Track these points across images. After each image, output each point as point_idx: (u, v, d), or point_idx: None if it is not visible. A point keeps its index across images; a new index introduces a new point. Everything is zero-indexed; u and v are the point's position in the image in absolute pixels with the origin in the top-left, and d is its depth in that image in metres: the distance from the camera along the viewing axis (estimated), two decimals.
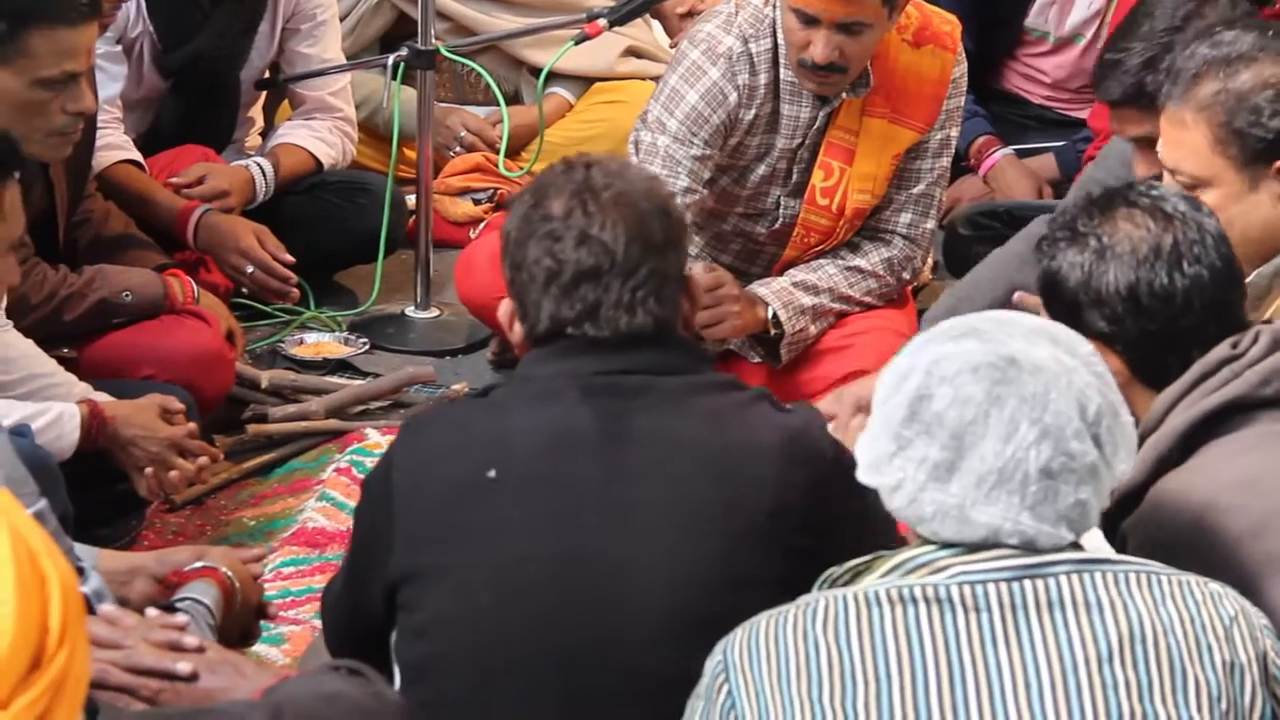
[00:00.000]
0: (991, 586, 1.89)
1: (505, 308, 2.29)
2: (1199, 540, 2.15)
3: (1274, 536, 2.14)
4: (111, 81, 4.12)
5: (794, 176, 3.82)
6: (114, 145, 4.06)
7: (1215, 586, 1.96)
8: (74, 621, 1.44)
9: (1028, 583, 1.90)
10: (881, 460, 1.96)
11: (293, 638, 3.17)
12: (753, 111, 3.72)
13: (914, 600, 1.89)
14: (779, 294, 3.84)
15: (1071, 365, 1.94)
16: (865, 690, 1.86)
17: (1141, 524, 2.22)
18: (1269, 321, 2.43)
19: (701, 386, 2.23)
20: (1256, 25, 2.74)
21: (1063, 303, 2.32)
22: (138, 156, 4.13)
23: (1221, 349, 2.26)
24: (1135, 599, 1.91)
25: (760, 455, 2.16)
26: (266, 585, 3.24)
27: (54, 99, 3.20)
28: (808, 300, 3.82)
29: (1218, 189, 2.62)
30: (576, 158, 2.30)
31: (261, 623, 2.63)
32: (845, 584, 1.99)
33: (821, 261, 3.90)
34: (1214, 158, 2.63)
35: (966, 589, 1.89)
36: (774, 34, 3.69)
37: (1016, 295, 2.73)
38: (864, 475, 1.98)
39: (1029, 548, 1.91)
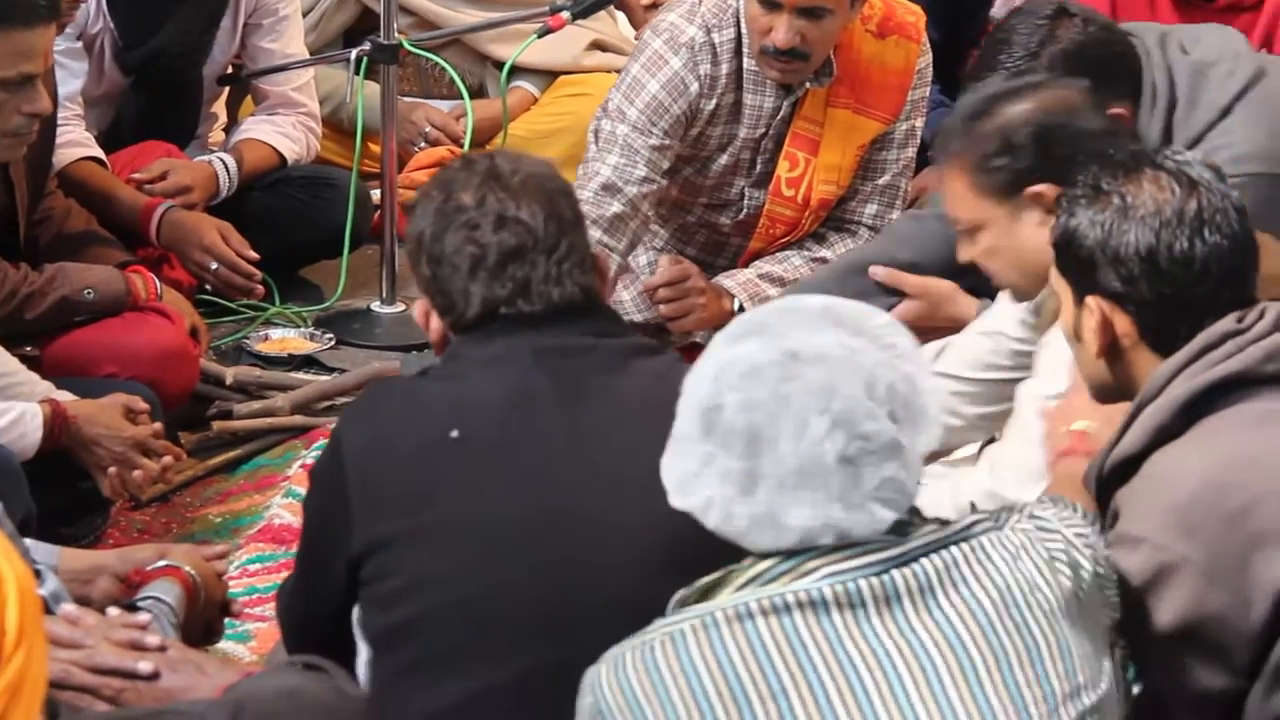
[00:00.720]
0: (863, 582, 1.87)
1: (420, 307, 2.33)
2: (1191, 515, 2.14)
3: (1265, 515, 2.13)
4: (72, 78, 4.10)
5: (758, 167, 3.83)
6: (75, 142, 4.04)
7: (1040, 526, 1.99)
8: (31, 623, 1.43)
9: (895, 572, 1.89)
10: (687, 480, 1.94)
11: (259, 635, 3.16)
12: (714, 101, 3.72)
13: (787, 607, 1.86)
14: (745, 286, 3.84)
15: (856, 346, 1.92)
16: (765, 711, 1.82)
17: (1135, 496, 2.21)
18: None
19: (636, 349, 2.31)
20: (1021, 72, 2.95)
21: (1078, 260, 2.31)
22: (99, 153, 4.10)
23: (1226, 322, 2.25)
24: (995, 563, 1.91)
25: None
26: (233, 582, 3.24)
27: (9, 100, 3.18)
28: (774, 292, 3.83)
29: (989, 229, 2.84)
30: (474, 153, 2.39)
31: (227, 620, 2.62)
32: (697, 601, 1.93)
33: (788, 253, 3.90)
34: (976, 200, 2.83)
35: (839, 587, 1.87)
36: (737, 23, 3.69)
37: (872, 269, 2.75)
38: (674, 499, 1.95)
39: (845, 540, 1.89)
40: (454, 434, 2.19)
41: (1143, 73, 3.15)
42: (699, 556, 2.00)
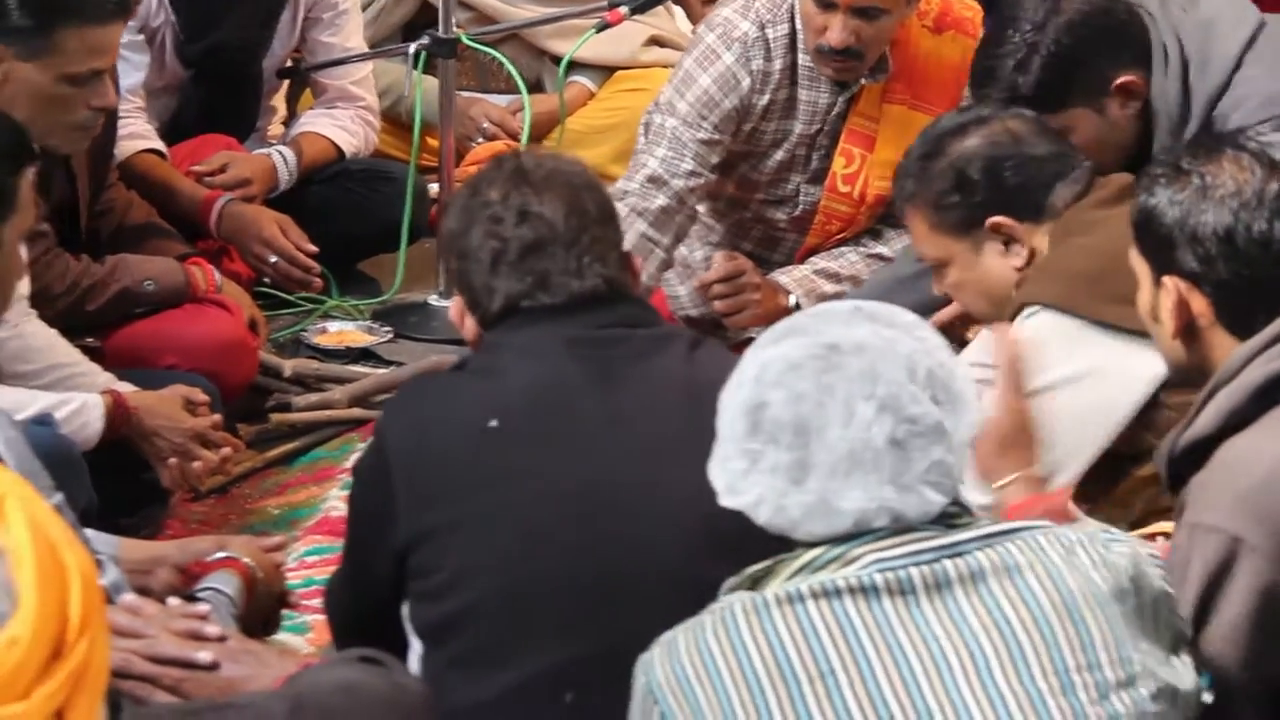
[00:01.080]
0: (914, 570, 1.88)
1: (455, 305, 2.35)
2: (1260, 501, 2.13)
3: None
4: (134, 70, 4.12)
5: (813, 163, 3.82)
6: (136, 134, 4.06)
7: (1107, 535, 1.98)
8: (94, 612, 1.44)
9: (947, 562, 1.89)
10: (737, 479, 1.95)
11: (317, 626, 3.16)
12: (767, 97, 3.71)
13: (838, 592, 1.87)
14: (801, 282, 3.83)
15: (892, 336, 1.94)
16: (813, 690, 1.83)
17: (1206, 484, 2.19)
18: None
19: (671, 336, 2.32)
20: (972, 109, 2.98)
21: (1156, 238, 2.31)
22: (160, 146, 4.13)
23: None
24: (1049, 555, 1.91)
25: None
26: (290, 574, 3.24)
27: (77, 94, 3.21)
28: (830, 288, 3.82)
29: (954, 264, 2.91)
30: (505, 154, 2.38)
31: (285, 611, 2.63)
32: (748, 590, 1.94)
33: (844, 249, 3.89)
34: (938, 239, 2.90)
35: (890, 574, 1.88)
36: (791, 19, 3.68)
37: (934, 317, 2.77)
38: (724, 499, 1.97)
39: (899, 523, 1.90)
40: (492, 423, 2.20)
41: (1150, 38, 3.14)
42: (741, 536, 2.00)
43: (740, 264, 3.75)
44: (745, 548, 1.98)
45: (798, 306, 3.79)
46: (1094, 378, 2.71)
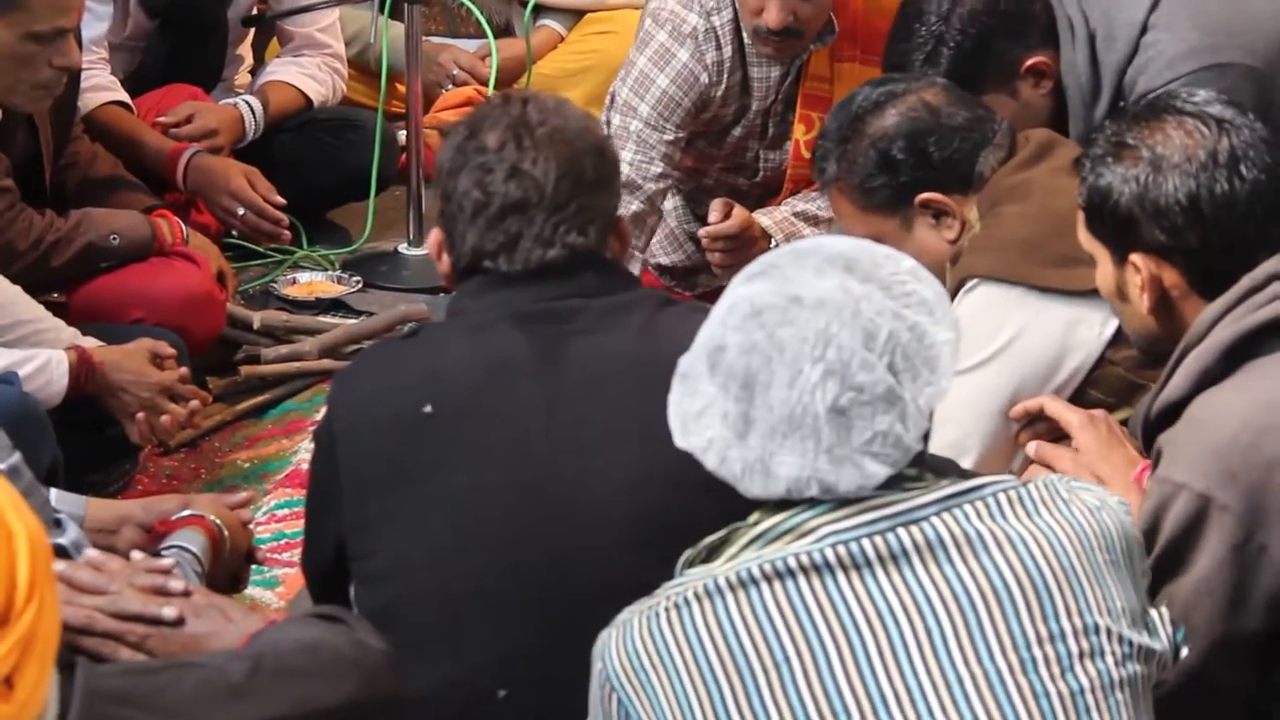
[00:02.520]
0: (866, 541, 1.82)
1: (434, 237, 2.30)
2: (1231, 460, 2.11)
3: None
4: (97, 21, 4.09)
5: (770, 130, 3.81)
6: (101, 86, 4.03)
7: (1074, 484, 1.92)
8: (43, 577, 1.43)
9: (901, 530, 1.82)
10: (690, 420, 1.89)
11: (287, 580, 3.17)
12: (723, 85, 3.70)
13: (790, 572, 1.81)
14: (781, 225, 3.82)
15: (861, 293, 1.85)
16: (768, 681, 1.78)
17: (1177, 439, 2.18)
18: None
19: (630, 303, 2.24)
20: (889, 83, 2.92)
21: (1115, 219, 2.28)
22: (125, 97, 4.10)
23: (1271, 263, 2.21)
24: (1010, 522, 1.84)
25: None
26: (260, 528, 3.24)
27: (41, 53, 3.19)
28: (808, 230, 3.81)
29: (886, 242, 2.81)
30: (515, 92, 2.31)
31: (255, 566, 2.62)
32: (704, 561, 1.89)
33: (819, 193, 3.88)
34: (867, 217, 2.86)
35: (841, 549, 1.81)
36: (733, 3, 3.65)
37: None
38: (678, 438, 1.90)
39: (830, 494, 1.83)
40: (427, 409, 2.15)
41: (1055, 14, 3.13)
42: (675, 531, 1.97)
43: (743, 218, 3.71)
44: (682, 543, 1.93)
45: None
46: (1034, 341, 2.70)
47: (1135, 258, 2.27)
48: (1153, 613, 1.92)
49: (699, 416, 1.88)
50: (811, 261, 1.89)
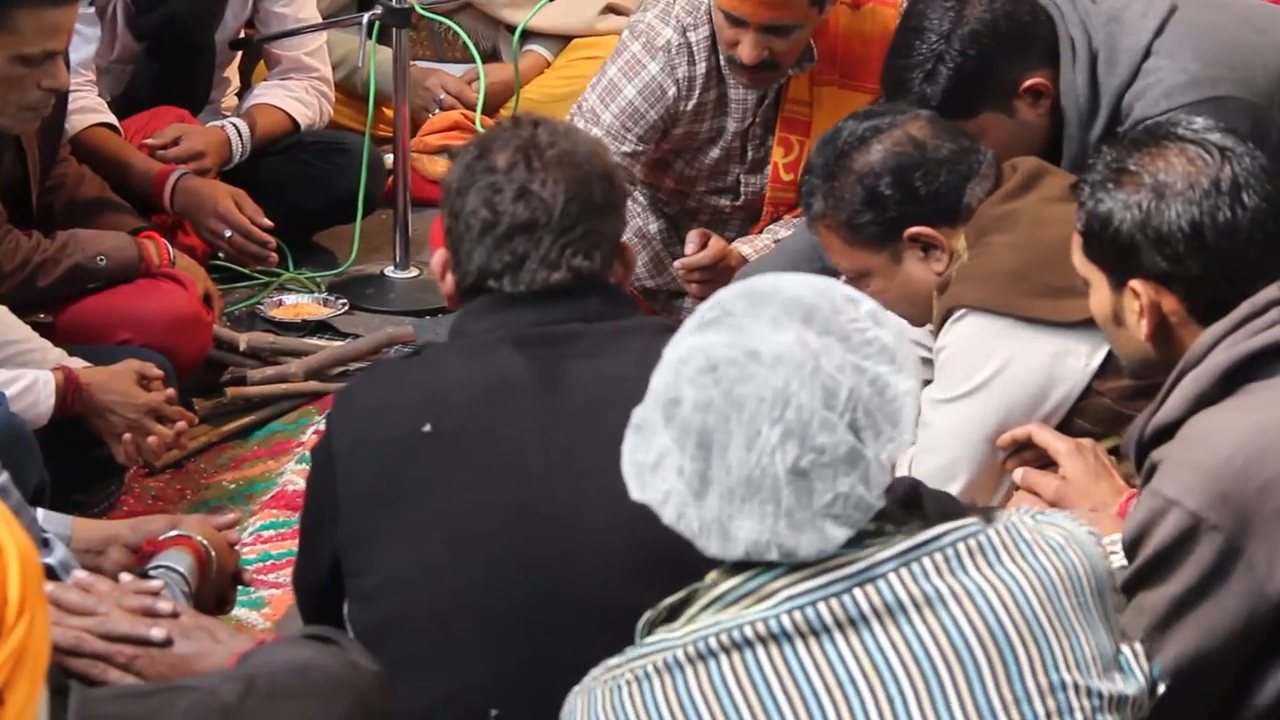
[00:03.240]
0: (822, 605, 1.76)
1: (439, 257, 2.30)
2: (1224, 482, 2.11)
3: None
4: (85, 44, 4.09)
5: (750, 154, 3.82)
6: (88, 108, 4.03)
7: (1040, 519, 1.87)
8: (33, 594, 1.43)
9: (858, 591, 1.77)
10: (645, 471, 1.83)
11: (273, 601, 3.16)
12: (694, 100, 3.71)
13: (748, 642, 1.76)
14: (761, 253, 3.82)
15: (820, 347, 1.79)
16: None
17: (1171, 456, 2.18)
18: None
19: (631, 329, 2.23)
20: (874, 116, 2.93)
21: (1115, 245, 2.27)
22: (112, 119, 4.10)
23: (1271, 290, 2.21)
24: (971, 576, 1.78)
25: None
26: (246, 549, 3.24)
27: (30, 75, 3.20)
28: None
29: (875, 275, 2.87)
30: (525, 115, 2.32)
31: (240, 587, 2.62)
32: (665, 621, 1.84)
33: (801, 220, 3.88)
34: (855, 252, 2.87)
35: (798, 614, 1.76)
36: (710, 20, 3.66)
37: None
38: (633, 491, 1.85)
39: (791, 559, 1.78)
40: (426, 429, 2.15)
41: (1058, 33, 3.13)
42: (667, 558, 1.95)
43: (720, 248, 3.71)
44: (675, 570, 1.91)
45: None
46: (1020, 371, 2.70)
47: (1135, 284, 2.27)
48: (1125, 651, 1.88)
49: (655, 469, 1.83)
50: (768, 311, 1.82)
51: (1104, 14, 3.16)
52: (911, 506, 1.91)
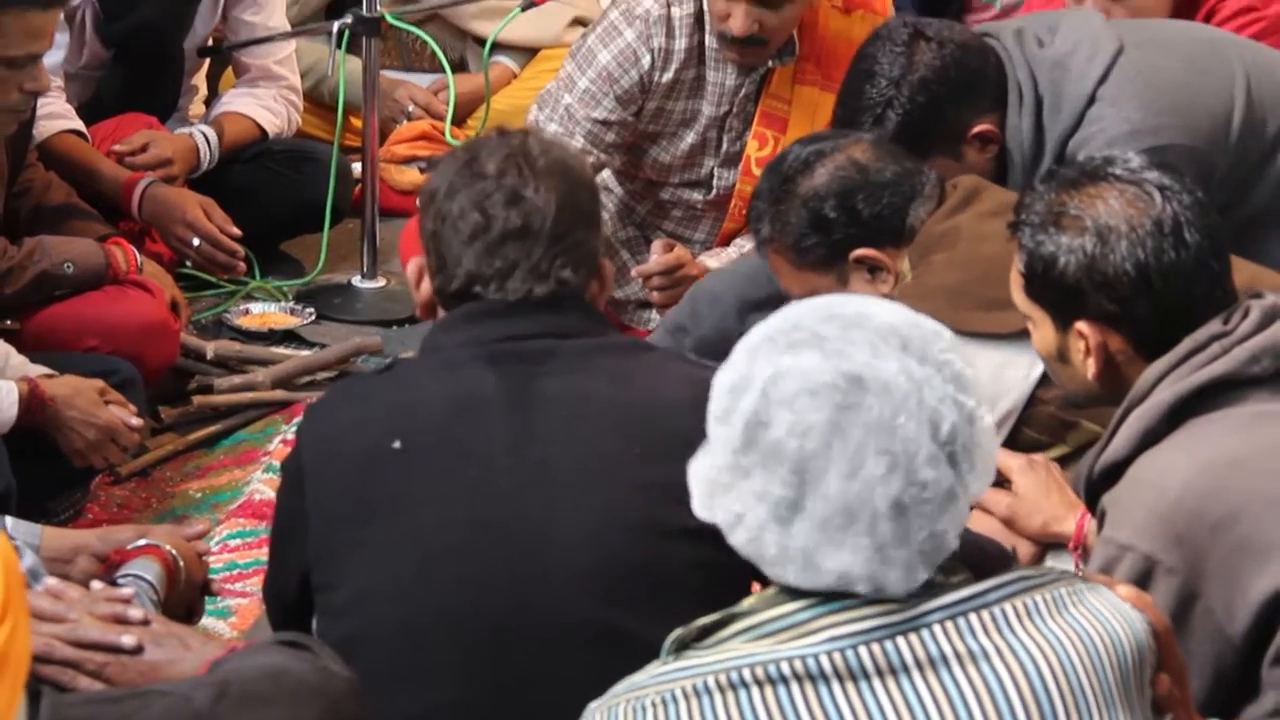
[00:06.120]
0: (864, 649, 1.70)
1: (415, 265, 2.28)
2: (1176, 523, 2.12)
3: (1249, 522, 2.10)
4: (54, 50, 4.04)
5: (724, 145, 3.84)
6: (56, 114, 4.02)
7: (1085, 587, 1.82)
8: (15, 599, 1.43)
9: (901, 640, 1.71)
10: (718, 492, 1.75)
11: (240, 611, 3.16)
12: (670, 74, 3.73)
13: (783, 678, 1.69)
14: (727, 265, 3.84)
15: (923, 377, 1.73)
16: None
17: (1121, 500, 2.19)
18: None
19: (605, 347, 2.21)
20: (817, 143, 2.96)
21: (1062, 288, 2.27)
22: (80, 126, 4.09)
23: (1213, 325, 2.22)
24: (1019, 637, 1.74)
25: (673, 409, 2.11)
26: (213, 558, 3.22)
27: (11, 77, 3.20)
28: None
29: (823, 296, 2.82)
30: (511, 128, 2.31)
31: (207, 596, 2.61)
32: (695, 640, 1.77)
33: None
34: (803, 275, 2.90)
35: (837, 655, 1.70)
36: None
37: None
38: (699, 509, 1.77)
39: (879, 592, 1.72)
40: (396, 445, 2.13)
41: (1007, 75, 3.17)
42: (642, 578, 1.95)
43: (679, 255, 3.73)
44: (644, 588, 1.91)
45: None
46: None
47: (1081, 325, 2.28)
48: None
49: (728, 490, 1.75)
50: (863, 335, 1.75)
51: (1050, 59, 3.18)
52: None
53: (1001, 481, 2.60)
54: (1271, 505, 2.12)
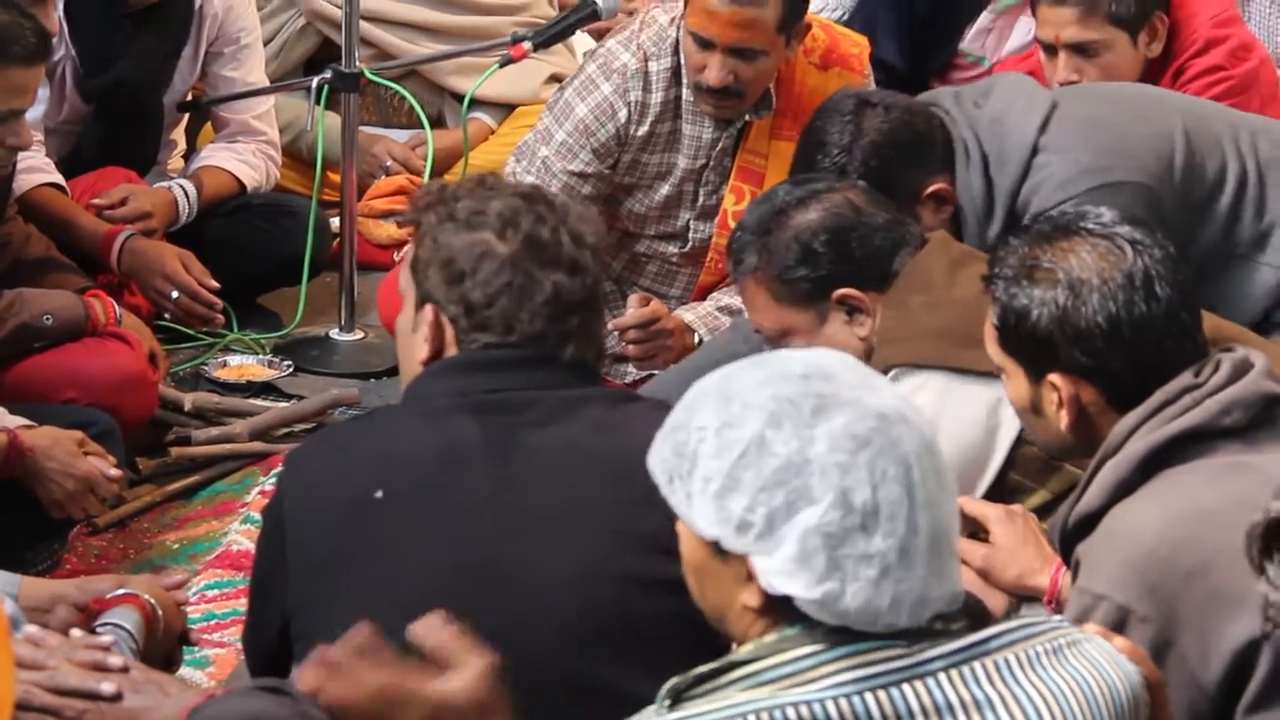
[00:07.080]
0: (870, 696, 1.69)
1: (429, 315, 2.24)
2: (1149, 573, 2.14)
3: (1222, 572, 2.11)
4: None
5: (700, 199, 3.87)
6: (35, 168, 4.04)
7: (1077, 636, 1.84)
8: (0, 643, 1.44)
9: (907, 687, 1.71)
10: (820, 574, 1.71)
11: (217, 660, 3.16)
12: (646, 128, 3.76)
13: None
14: (704, 319, 3.86)
15: (898, 402, 1.77)
16: None
17: (1095, 550, 2.21)
18: None
19: (590, 398, 2.22)
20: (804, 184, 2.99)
21: (1034, 341, 2.29)
22: (59, 179, 4.11)
23: (1184, 377, 2.25)
24: (1022, 686, 1.75)
25: None
26: (190, 608, 3.22)
27: None
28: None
29: (798, 335, 2.90)
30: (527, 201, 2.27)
31: (185, 647, 2.62)
32: (689, 689, 1.74)
33: None
34: (781, 310, 2.91)
35: (844, 702, 1.68)
36: (676, 53, 3.74)
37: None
38: (800, 591, 1.71)
39: (933, 612, 1.74)
40: (378, 494, 2.14)
41: (952, 136, 3.23)
42: (615, 624, 1.96)
43: (655, 309, 3.74)
44: (622, 636, 1.91)
45: (702, 343, 3.81)
46: (963, 426, 2.74)
47: (1054, 378, 2.30)
48: None
49: (831, 571, 1.71)
50: (844, 379, 1.77)
51: (988, 116, 3.26)
52: None
53: (977, 533, 2.62)
54: (1242, 555, 2.14)
